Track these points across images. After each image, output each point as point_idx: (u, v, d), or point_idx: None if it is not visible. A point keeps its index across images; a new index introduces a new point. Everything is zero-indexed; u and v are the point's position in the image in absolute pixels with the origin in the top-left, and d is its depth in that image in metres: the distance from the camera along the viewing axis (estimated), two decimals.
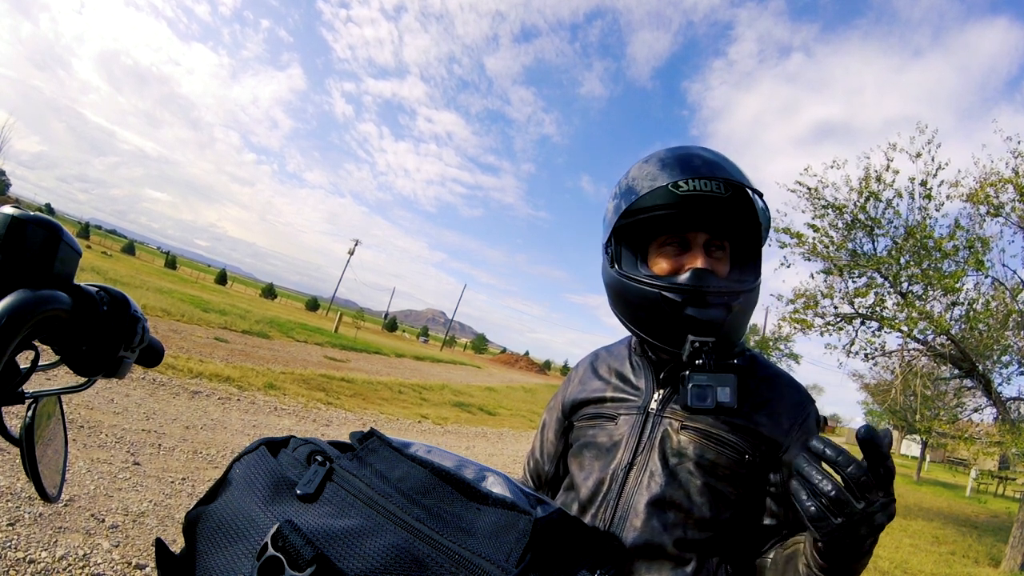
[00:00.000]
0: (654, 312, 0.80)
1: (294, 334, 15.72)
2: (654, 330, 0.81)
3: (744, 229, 0.83)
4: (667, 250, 0.83)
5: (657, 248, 0.84)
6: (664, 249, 0.83)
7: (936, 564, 6.67)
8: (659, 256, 0.84)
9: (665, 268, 0.82)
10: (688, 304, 0.76)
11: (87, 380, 0.49)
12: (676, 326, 0.78)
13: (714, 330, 0.76)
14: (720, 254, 0.83)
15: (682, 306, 0.76)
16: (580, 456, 0.92)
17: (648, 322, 0.82)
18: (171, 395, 5.55)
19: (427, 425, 8.45)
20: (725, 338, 0.78)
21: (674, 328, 0.78)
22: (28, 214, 0.40)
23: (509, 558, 0.47)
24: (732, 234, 0.83)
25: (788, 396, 0.86)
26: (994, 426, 8.43)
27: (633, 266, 0.85)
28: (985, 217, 7.29)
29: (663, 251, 0.83)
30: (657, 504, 0.80)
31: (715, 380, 0.74)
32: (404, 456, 0.58)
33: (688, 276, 0.79)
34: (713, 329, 0.76)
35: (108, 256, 35.08)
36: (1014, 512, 8.94)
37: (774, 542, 0.82)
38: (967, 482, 19.08)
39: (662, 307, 0.78)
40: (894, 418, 20.82)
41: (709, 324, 0.76)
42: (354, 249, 48.22)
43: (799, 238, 8.30)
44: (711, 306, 0.76)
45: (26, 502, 2.60)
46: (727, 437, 0.82)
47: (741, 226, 0.82)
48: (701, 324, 0.76)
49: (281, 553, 0.42)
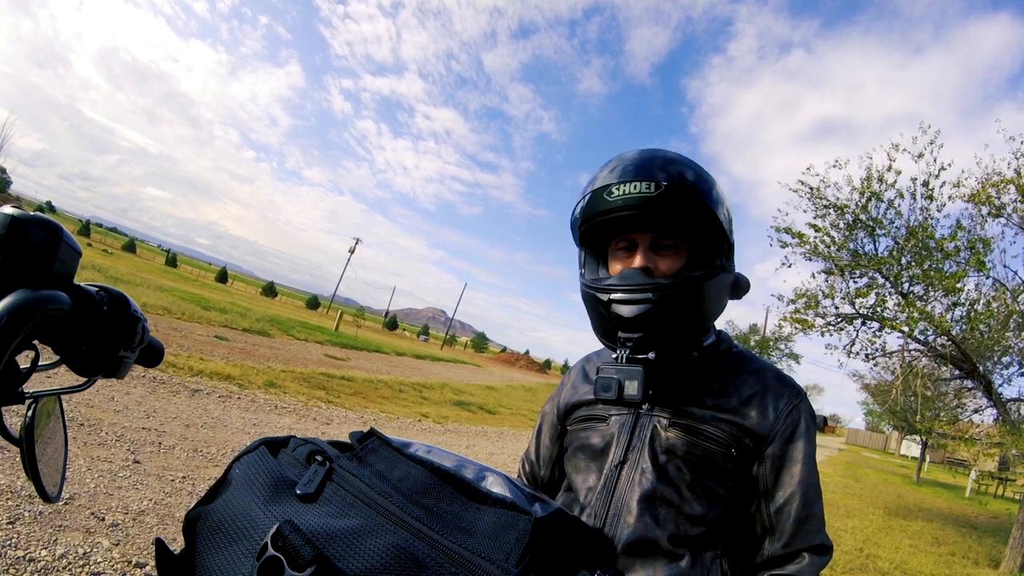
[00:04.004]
0: (594, 313, 0.85)
1: (294, 332, 15.73)
2: (601, 331, 0.86)
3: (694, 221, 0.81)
4: (619, 253, 0.86)
5: (613, 251, 0.88)
6: (617, 252, 0.87)
7: (936, 565, 6.67)
8: (614, 259, 0.87)
9: (617, 270, 0.86)
10: (612, 302, 0.80)
11: (87, 380, 0.49)
12: (609, 324, 0.82)
13: (638, 326, 0.78)
14: (669, 251, 0.83)
15: (607, 305, 0.80)
16: (576, 459, 0.93)
17: (595, 322, 0.87)
18: (171, 393, 5.56)
19: (427, 424, 8.45)
20: (661, 331, 0.79)
21: (608, 326, 0.83)
22: (28, 214, 0.40)
23: (509, 558, 0.47)
24: (682, 229, 0.82)
25: (775, 389, 0.86)
26: (994, 427, 8.42)
27: (595, 270, 0.91)
28: (987, 218, 7.28)
29: (616, 254, 0.87)
30: (648, 500, 0.80)
31: (623, 373, 0.78)
32: (404, 456, 0.58)
33: (615, 276, 0.84)
34: (637, 325, 0.78)
35: (109, 254, 35.11)
36: (1014, 513, 8.93)
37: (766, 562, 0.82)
38: (967, 483, 19.07)
39: (598, 307, 0.83)
40: (894, 418, 20.83)
41: (632, 320, 0.78)
42: (355, 247, 48.23)
43: (800, 238, 8.29)
44: (631, 303, 0.79)
45: (26, 500, 2.60)
46: (713, 432, 0.82)
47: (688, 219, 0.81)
48: (625, 321, 0.79)
49: (281, 553, 0.42)
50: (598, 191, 0.81)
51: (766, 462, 0.83)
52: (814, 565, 0.80)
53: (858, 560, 6.08)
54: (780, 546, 0.81)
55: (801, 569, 0.79)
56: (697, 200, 0.78)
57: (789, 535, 0.81)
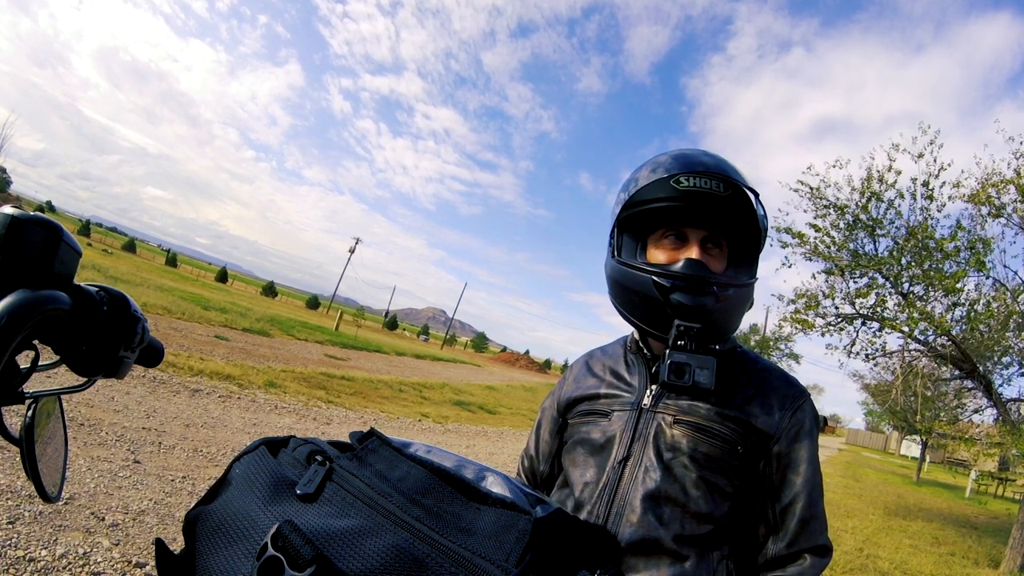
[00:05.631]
0: (645, 297, 0.83)
1: (295, 332, 15.73)
2: (644, 315, 0.85)
3: (742, 230, 0.85)
4: (665, 243, 0.86)
5: (656, 240, 0.88)
6: (663, 242, 0.87)
7: (936, 565, 6.67)
8: (657, 248, 0.87)
9: (662, 259, 0.86)
10: (676, 290, 0.80)
11: (87, 380, 0.49)
12: (665, 311, 0.81)
13: (700, 317, 0.79)
14: (716, 252, 0.86)
15: (671, 291, 0.80)
16: (574, 453, 0.93)
17: (640, 307, 0.85)
18: (171, 393, 5.56)
19: (427, 424, 8.45)
20: (712, 326, 0.81)
21: (663, 313, 0.82)
22: (28, 214, 0.40)
23: (509, 558, 0.47)
24: (730, 234, 0.86)
25: (780, 388, 0.87)
26: (994, 427, 8.42)
27: (632, 255, 0.90)
28: (987, 218, 7.27)
29: (661, 243, 0.87)
30: (653, 499, 0.80)
31: (695, 360, 0.78)
32: (404, 456, 0.58)
33: (680, 265, 0.83)
34: (699, 316, 0.79)
35: (109, 254, 35.10)
36: (1014, 513, 8.93)
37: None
38: (967, 483, 19.06)
39: (653, 292, 0.81)
40: (894, 418, 20.82)
41: (696, 310, 0.79)
42: (355, 247, 48.19)
43: (800, 238, 8.28)
44: (699, 293, 0.79)
45: (26, 500, 2.60)
46: (719, 430, 0.82)
47: (739, 227, 0.84)
48: (688, 310, 0.79)
49: (281, 553, 0.42)
50: (664, 178, 0.82)
51: (772, 461, 0.83)
52: (815, 567, 0.80)
53: (858, 560, 6.08)
54: (784, 546, 0.81)
55: (803, 570, 0.80)
56: (751, 210, 0.82)
57: (793, 535, 0.81)
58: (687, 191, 0.80)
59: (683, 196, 0.81)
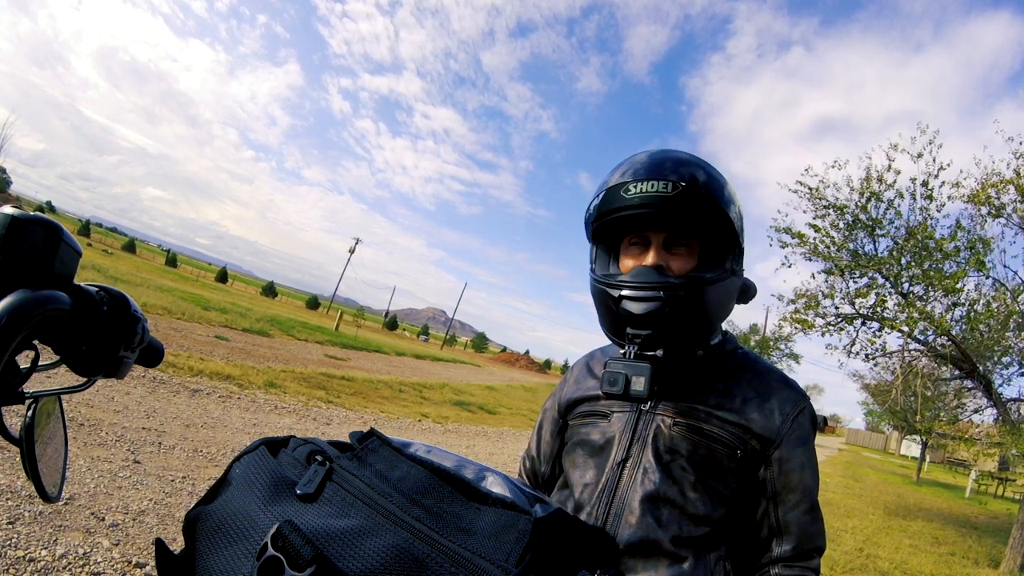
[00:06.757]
0: (607, 308, 0.84)
1: (294, 332, 15.73)
2: (608, 324, 0.87)
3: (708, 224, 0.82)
4: (633, 250, 0.86)
5: (625, 248, 0.88)
6: (630, 249, 0.87)
7: (936, 565, 6.67)
8: (626, 256, 0.87)
9: (628, 266, 0.86)
10: (624, 299, 0.80)
11: (87, 380, 0.49)
12: (618, 320, 0.82)
13: (648, 323, 0.78)
14: (682, 251, 0.83)
15: (618, 300, 0.81)
16: (574, 454, 0.93)
17: (605, 318, 0.87)
18: (171, 393, 5.56)
19: (427, 424, 8.45)
20: (665, 331, 0.79)
21: (617, 322, 0.82)
22: (28, 214, 0.40)
23: (509, 558, 0.47)
24: (698, 230, 0.83)
25: (780, 392, 0.86)
26: (994, 427, 8.42)
27: (605, 266, 0.91)
28: (986, 218, 7.28)
29: (629, 251, 0.87)
30: (651, 500, 0.80)
31: (631, 369, 0.77)
32: (404, 456, 0.58)
33: (628, 272, 0.84)
34: (647, 322, 0.78)
35: (109, 254, 35.09)
36: (1014, 513, 8.93)
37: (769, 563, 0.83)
38: (967, 483, 19.06)
39: (608, 303, 0.83)
40: (894, 418, 20.82)
41: (642, 317, 0.78)
42: (354, 247, 48.19)
43: (800, 238, 8.29)
44: (643, 300, 0.79)
45: (26, 500, 2.60)
46: (718, 434, 0.82)
47: (703, 221, 0.81)
48: (635, 317, 0.79)
49: (281, 553, 0.42)
50: (614, 188, 0.81)
51: (773, 466, 0.83)
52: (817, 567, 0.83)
53: (858, 560, 6.08)
54: (790, 548, 0.82)
55: (806, 569, 0.82)
56: (712, 203, 0.79)
57: (798, 537, 0.83)
58: (636, 197, 0.79)
59: (634, 204, 0.79)
